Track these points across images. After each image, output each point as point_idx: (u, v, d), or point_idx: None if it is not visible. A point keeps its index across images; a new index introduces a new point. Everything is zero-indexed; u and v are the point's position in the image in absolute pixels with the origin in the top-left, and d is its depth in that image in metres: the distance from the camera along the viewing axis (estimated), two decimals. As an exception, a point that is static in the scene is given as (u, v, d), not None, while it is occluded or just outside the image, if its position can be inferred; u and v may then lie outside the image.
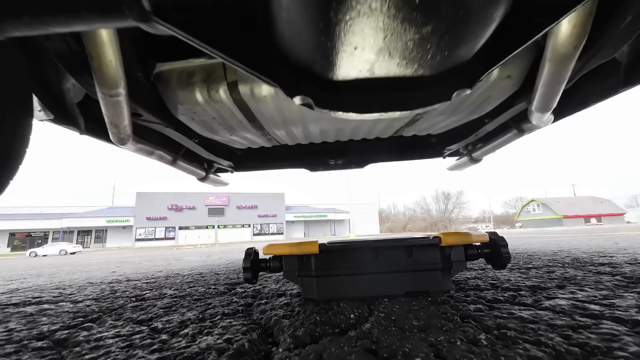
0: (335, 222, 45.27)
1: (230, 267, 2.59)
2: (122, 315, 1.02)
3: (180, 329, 0.82)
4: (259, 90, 1.10)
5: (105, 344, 0.73)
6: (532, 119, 1.21)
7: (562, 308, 0.81)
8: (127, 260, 5.14)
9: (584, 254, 2.16)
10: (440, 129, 1.73)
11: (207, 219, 38.89)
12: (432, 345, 0.60)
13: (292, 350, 0.62)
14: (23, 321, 1.02)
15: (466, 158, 2.10)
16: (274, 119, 1.37)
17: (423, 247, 1.00)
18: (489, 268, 1.61)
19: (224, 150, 2.03)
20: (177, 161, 1.69)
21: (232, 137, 1.62)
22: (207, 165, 2.21)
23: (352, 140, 2.07)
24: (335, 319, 0.80)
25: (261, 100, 1.14)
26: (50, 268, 4.26)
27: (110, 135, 1.10)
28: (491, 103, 1.29)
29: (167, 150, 1.57)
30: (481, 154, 1.95)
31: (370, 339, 0.65)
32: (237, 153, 2.19)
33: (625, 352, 0.53)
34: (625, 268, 1.44)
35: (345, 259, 1.02)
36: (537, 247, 3.20)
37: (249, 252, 1.06)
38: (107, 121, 1.00)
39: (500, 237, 1.00)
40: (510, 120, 1.48)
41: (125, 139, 1.12)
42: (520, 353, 0.54)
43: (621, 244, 2.97)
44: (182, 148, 1.74)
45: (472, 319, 0.76)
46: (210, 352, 0.63)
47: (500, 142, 1.68)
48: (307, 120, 1.45)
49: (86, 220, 35.18)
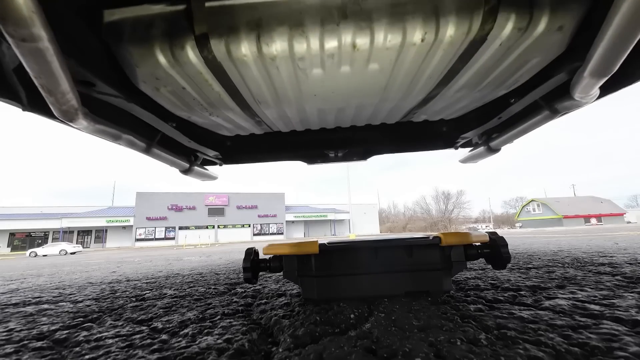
0: (335, 222, 45.26)
1: (230, 267, 2.59)
2: (122, 315, 1.02)
3: (180, 329, 0.82)
4: (236, 48, 0.88)
5: (105, 344, 0.73)
6: (576, 91, 0.98)
7: (562, 308, 0.81)
8: (127, 260, 5.14)
9: (584, 254, 2.16)
10: (457, 111, 1.50)
11: (207, 219, 38.89)
12: (432, 345, 0.60)
13: (292, 350, 0.62)
14: (23, 321, 1.02)
15: (482, 148, 1.84)
16: (260, 91, 1.15)
17: (423, 247, 1.00)
18: (489, 268, 1.61)
19: (209, 138, 1.79)
20: (151, 149, 1.45)
21: (213, 118, 1.39)
22: (192, 156, 1.93)
23: (354, 128, 1.84)
24: (335, 319, 0.80)
25: (241, 61, 0.93)
26: (50, 268, 4.26)
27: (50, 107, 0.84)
28: (529, 70, 1.07)
29: (138, 135, 1.32)
30: (500, 142, 1.68)
31: (370, 338, 0.65)
32: (225, 143, 1.92)
33: (625, 352, 0.53)
34: (625, 268, 1.44)
35: (345, 259, 1.01)
36: (537, 247, 3.20)
37: (249, 252, 1.06)
38: (37, 84, 0.75)
39: (500, 237, 1.00)
40: (541, 99, 1.25)
41: (71, 113, 0.86)
42: (520, 353, 0.54)
43: (621, 244, 2.97)
44: (157, 133, 1.50)
45: (472, 319, 0.76)
46: (210, 352, 0.63)
47: (525, 127, 1.41)
48: (303, 96, 1.21)
49: (86, 220, 35.16)
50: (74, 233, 36.75)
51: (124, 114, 1.25)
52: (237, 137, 1.88)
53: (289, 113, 1.40)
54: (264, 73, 1.01)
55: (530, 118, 1.35)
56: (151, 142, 1.44)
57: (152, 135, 1.47)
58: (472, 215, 66.31)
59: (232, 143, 1.93)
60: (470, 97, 1.30)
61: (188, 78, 1.01)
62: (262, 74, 1.02)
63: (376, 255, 1.01)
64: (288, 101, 1.26)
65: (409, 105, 1.38)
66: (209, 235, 37.63)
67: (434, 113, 1.51)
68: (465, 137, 1.83)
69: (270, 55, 0.90)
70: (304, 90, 1.17)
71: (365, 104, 1.36)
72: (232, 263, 3.14)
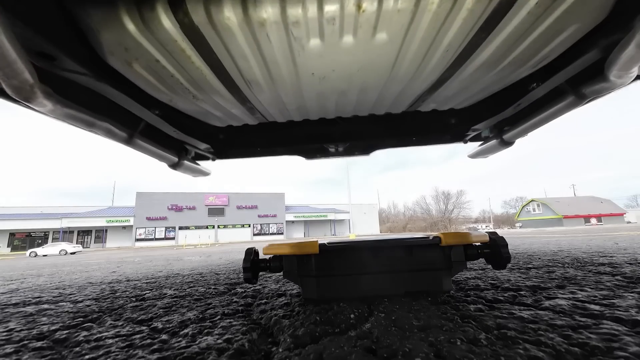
0: (335, 222, 45.27)
1: (230, 267, 2.59)
2: (122, 315, 1.02)
3: (180, 329, 0.82)
4: (218, 9, 0.75)
5: (105, 344, 0.73)
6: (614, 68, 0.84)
7: (562, 308, 0.81)
8: (127, 260, 5.14)
9: (584, 254, 2.15)
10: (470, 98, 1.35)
11: (207, 219, 38.89)
12: (432, 345, 0.60)
13: (292, 350, 0.62)
14: (23, 321, 1.02)
15: (495, 141, 1.68)
16: (249, 67, 1.00)
17: (423, 247, 1.00)
18: (489, 268, 1.61)
19: (198, 129, 1.62)
20: (134, 139, 1.31)
21: (199, 104, 1.25)
22: (181, 150, 1.76)
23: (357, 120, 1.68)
24: (335, 319, 0.80)
25: (224, 27, 0.80)
26: (50, 268, 4.26)
27: None
28: (562, 43, 0.92)
29: (117, 123, 1.19)
30: (515, 134, 1.52)
31: (370, 338, 0.65)
32: (217, 135, 1.76)
33: (625, 352, 0.53)
34: (625, 268, 1.44)
35: (345, 259, 1.01)
36: (537, 247, 3.20)
37: (249, 252, 1.06)
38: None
39: (500, 237, 1.00)
40: (567, 82, 1.11)
41: (25, 91, 0.73)
42: (520, 353, 0.54)
43: (621, 244, 2.97)
44: (140, 122, 1.36)
45: (472, 319, 0.76)
46: (210, 352, 0.63)
47: (544, 116, 1.26)
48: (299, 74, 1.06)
49: (86, 220, 35.16)
50: (74, 233, 36.75)
51: (99, 98, 1.10)
52: (230, 129, 1.74)
53: (284, 97, 1.25)
54: (252, 43, 0.87)
55: (551, 105, 1.19)
56: (133, 131, 1.31)
57: (133, 124, 1.33)
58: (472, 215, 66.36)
59: (225, 135, 1.77)
60: (488, 79, 1.15)
61: (162, 48, 0.87)
62: (249, 44, 0.87)
63: (376, 255, 1.01)
64: (282, 82, 1.11)
65: (419, 89, 1.23)
66: (209, 235, 37.63)
67: (444, 100, 1.36)
68: (476, 130, 1.66)
69: (258, 20, 0.77)
70: (300, 67, 1.02)
71: (370, 86, 1.19)
72: (232, 263, 3.14)
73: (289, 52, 0.94)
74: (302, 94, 1.23)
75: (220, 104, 1.28)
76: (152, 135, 1.44)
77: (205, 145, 1.75)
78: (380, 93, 1.28)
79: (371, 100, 1.36)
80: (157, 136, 1.49)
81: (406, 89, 1.25)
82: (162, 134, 1.51)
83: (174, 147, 1.69)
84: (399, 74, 1.12)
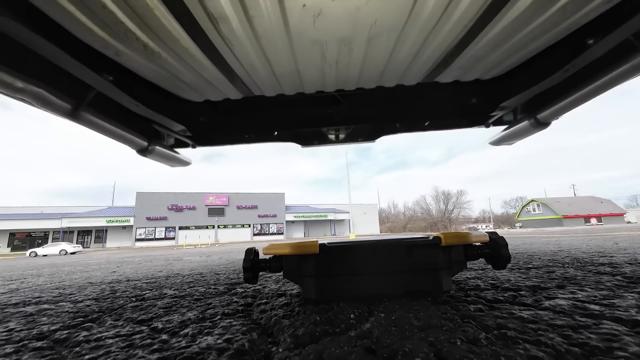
0: (335, 222, 45.28)
1: (231, 267, 2.59)
2: (122, 315, 1.02)
3: (180, 329, 0.82)
4: None
5: (105, 344, 0.73)
6: None
7: (562, 308, 0.81)
8: (127, 260, 5.14)
9: (584, 254, 2.15)
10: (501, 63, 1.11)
11: (207, 219, 38.90)
12: (432, 345, 0.60)
13: (292, 350, 0.62)
14: (23, 321, 1.02)
15: (526, 122, 1.35)
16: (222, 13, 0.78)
17: (423, 247, 1.00)
18: (489, 268, 1.61)
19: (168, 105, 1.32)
20: (79, 112, 1.04)
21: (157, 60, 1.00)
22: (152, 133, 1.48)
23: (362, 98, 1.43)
24: (335, 319, 0.80)
25: None
26: (50, 268, 4.26)
27: None
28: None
29: (55, 90, 0.95)
30: (554, 112, 1.21)
31: (370, 338, 0.65)
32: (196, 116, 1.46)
33: (625, 352, 0.53)
34: (625, 268, 1.44)
35: (345, 259, 1.01)
36: (537, 247, 3.20)
37: (249, 252, 1.06)
38: None
39: (500, 237, 1.00)
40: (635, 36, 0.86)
41: None
42: (520, 353, 0.54)
43: (621, 244, 2.97)
44: (88, 91, 1.09)
45: (472, 318, 0.76)
46: (210, 352, 0.63)
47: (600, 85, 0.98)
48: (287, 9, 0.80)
49: (86, 220, 35.18)
50: (74, 233, 36.74)
51: (30, 56, 0.88)
52: (210, 107, 1.44)
53: (269, 48, 0.96)
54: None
55: (611, 69, 0.91)
56: (78, 102, 1.03)
57: (79, 93, 1.06)
58: (472, 215, 66.32)
59: (205, 117, 1.47)
60: (527, 35, 0.91)
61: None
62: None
63: (376, 255, 1.01)
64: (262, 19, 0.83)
65: (444, 43, 0.98)
66: (209, 235, 37.64)
67: (470, 64, 1.11)
68: (504, 108, 1.38)
69: None
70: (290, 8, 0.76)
71: (384, 30, 0.91)
72: (232, 263, 3.14)
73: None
74: (292, 43, 0.95)
75: (186, 60, 0.99)
76: (107, 109, 1.17)
77: (180, 127, 1.45)
78: (395, 46, 1.00)
79: (381, 63, 1.09)
80: (114, 111, 1.21)
81: (430, 40, 0.97)
82: (122, 109, 1.23)
83: (142, 129, 1.41)
84: (424, 10, 0.84)
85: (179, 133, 1.54)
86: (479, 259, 1.03)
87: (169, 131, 1.50)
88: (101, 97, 1.14)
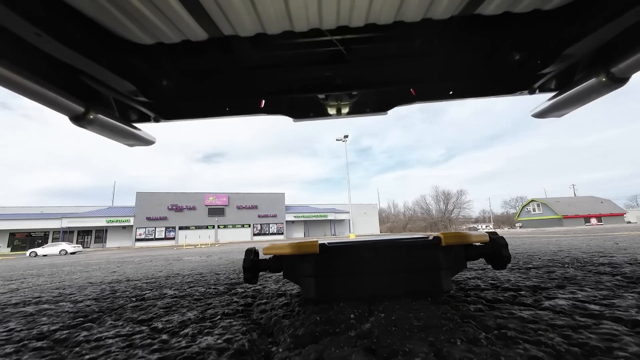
0: (335, 222, 45.31)
1: (231, 267, 2.59)
2: (122, 315, 1.02)
3: (180, 329, 0.82)
4: None
5: (105, 344, 0.73)
6: None
7: (562, 308, 0.81)
8: (127, 260, 5.14)
9: (584, 254, 2.15)
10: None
11: (207, 219, 38.92)
12: (432, 345, 0.60)
13: (292, 350, 0.62)
14: (23, 321, 1.02)
15: (594, 80, 0.97)
16: None
17: (423, 247, 1.00)
18: (489, 268, 1.61)
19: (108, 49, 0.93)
20: None
21: None
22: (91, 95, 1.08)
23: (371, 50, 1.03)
24: (335, 319, 0.80)
25: None
26: (50, 268, 4.26)
27: None
28: None
29: None
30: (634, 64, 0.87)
31: (370, 338, 0.65)
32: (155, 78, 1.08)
33: (625, 352, 0.53)
34: (625, 268, 1.44)
35: (345, 259, 1.01)
36: (537, 247, 3.20)
37: (249, 252, 1.06)
38: None
39: (500, 237, 1.00)
40: None
41: None
42: (520, 353, 0.54)
43: (621, 244, 2.97)
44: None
45: (472, 318, 0.76)
46: (210, 352, 0.63)
47: None
48: None
49: (86, 220, 35.19)
50: (74, 233, 36.75)
51: None
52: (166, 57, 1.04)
53: None
54: None
55: None
56: None
57: None
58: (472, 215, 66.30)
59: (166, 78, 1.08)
60: None
61: None
62: None
63: (376, 255, 1.01)
64: None
65: None
66: (209, 236, 37.66)
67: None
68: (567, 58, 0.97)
69: None
70: None
71: None
72: (232, 263, 3.14)
73: None
74: None
75: None
76: (11, 52, 0.83)
77: (129, 86, 1.06)
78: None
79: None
80: (24, 57, 0.85)
81: None
82: (37, 54, 0.86)
83: (74, 89, 1.03)
84: None
85: (132, 98, 1.14)
86: (479, 259, 1.03)
87: (115, 93, 1.11)
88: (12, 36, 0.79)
